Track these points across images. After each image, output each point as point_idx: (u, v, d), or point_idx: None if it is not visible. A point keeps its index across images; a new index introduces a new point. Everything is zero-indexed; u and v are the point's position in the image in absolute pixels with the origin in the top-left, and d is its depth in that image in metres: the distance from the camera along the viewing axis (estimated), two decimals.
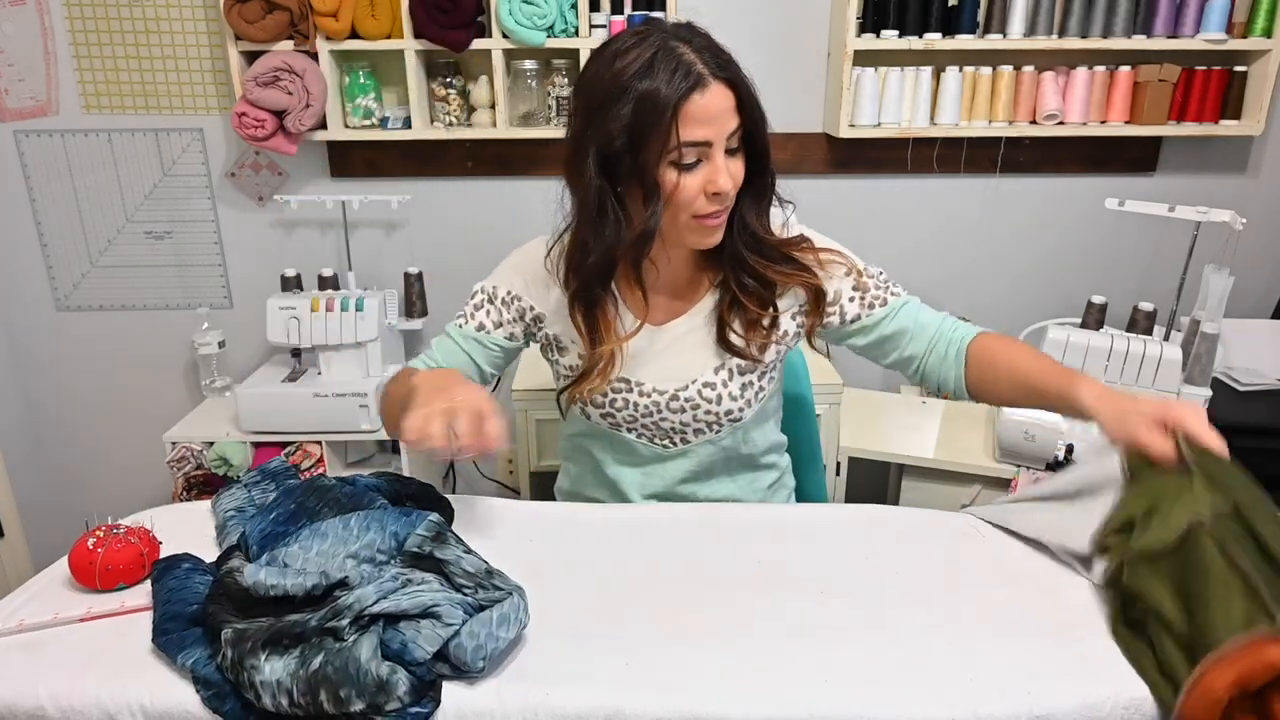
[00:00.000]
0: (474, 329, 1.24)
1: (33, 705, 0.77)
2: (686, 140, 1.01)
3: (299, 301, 2.05)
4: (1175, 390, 1.76)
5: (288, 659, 0.75)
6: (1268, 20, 1.98)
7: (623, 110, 1.01)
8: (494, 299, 1.24)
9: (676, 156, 1.02)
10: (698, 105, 1.00)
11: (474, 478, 2.59)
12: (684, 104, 0.99)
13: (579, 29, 2.04)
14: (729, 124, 1.03)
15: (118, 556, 0.91)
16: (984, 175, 2.26)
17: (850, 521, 1.09)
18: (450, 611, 0.77)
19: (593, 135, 1.04)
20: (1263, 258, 2.30)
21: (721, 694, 0.76)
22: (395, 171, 2.28)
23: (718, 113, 1.01)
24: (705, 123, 1.01)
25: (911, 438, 1.99)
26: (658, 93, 0.99)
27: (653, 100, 0.99)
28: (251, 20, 2.00)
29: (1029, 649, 0.82)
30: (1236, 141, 2.22)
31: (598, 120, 1.03)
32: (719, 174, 1.03)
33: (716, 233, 1.10)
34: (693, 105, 1.00)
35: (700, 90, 1.00)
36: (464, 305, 1.26)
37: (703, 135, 1.01)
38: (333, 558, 0.85)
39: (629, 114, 1.00)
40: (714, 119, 1.01)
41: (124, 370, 2.45)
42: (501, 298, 1.23)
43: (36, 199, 2.30)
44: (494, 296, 1.24)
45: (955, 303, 2.35)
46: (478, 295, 1.25)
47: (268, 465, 1.15)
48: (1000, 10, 2.02)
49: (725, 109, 1.02)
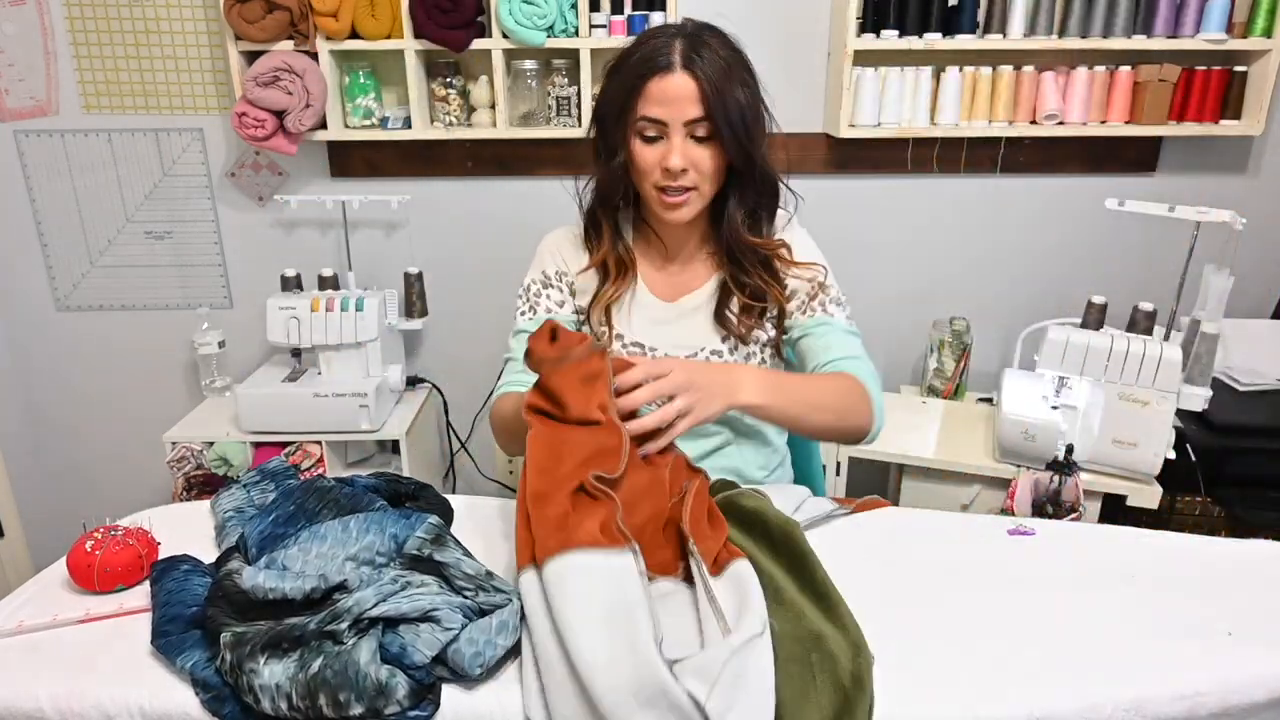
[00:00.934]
0: (545, 315, 1.34)
1: (32, 707, 0.77)
2: (644, 115, 1.18)
3: (299, 301, 2.05)
4: (1175, 390, 1.76)
5: (287, 662, 0.75)
6: (1268, 20, 1.98)
7: (613, 79, 1.22)
8: (547, 283, 1.35)
9: (639, 128, 1.19)
10: (656, 86, 1.16)
11: (474, 477, 2.59)
12: (645, 82, 1.16)
13: (579, 29, 2.03)
14: (687, 111, 1.16)
15: (116, 558, 0.91)
16: (984, 175, 2.26)
17: (851, 522, 1.09)
18: (449, 615, 0.77)
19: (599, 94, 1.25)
20: (1263, 258, 2.30)
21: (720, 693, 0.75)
22: (395, 171, 2.28)
23: (674, 98, 1.16)
24: (662, 103, 1.16)
25: (911, 438, 1.99)
26: (630, 69, 1.18)
27: (625, 75, 1.19)
28: (251, 20, 2.00)
29: (1029, 649, 0.82)
30: (1236, 141, 2.22)
31: (604, 84, 1.24)
32: (671, 152, 1.17)
33: (676, 211, 1.23)
34: (652, 85, 1.16)
35: (662, 75, 1.15)
36: (519, 307, 1.36)
37: (658, 114, 1.17)
38: (332, 560, 0.85)
39: (615, 82, 1.21)
40: (671, 102, 1.16)
41: (124, 370, 2.45)
42: (552, 279, 1.35)
43: (36, 199, 2.30)
44: (547, 281, 1.36)
45: (955, 303, 2.35)
46: (532, 286, 1.36)
47: (267, 465, 1.15)
48: (1000, 10, 2.01)
49: (684, 96, 1.15)
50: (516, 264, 2.33)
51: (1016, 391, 1.82)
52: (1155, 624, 0.86)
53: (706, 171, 1.20)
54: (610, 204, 1.31)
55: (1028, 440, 1.80)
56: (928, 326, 2.29)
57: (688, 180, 1.20)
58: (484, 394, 2.49)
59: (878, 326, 2.38)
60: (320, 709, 0.72)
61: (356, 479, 1.01)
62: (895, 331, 2.41)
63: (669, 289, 1.34)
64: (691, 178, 1.20)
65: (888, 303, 2.37)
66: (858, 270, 2.27)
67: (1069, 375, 1.82)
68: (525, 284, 1.38)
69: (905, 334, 2.40)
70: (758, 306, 1.29)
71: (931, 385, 2.26)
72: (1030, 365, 1.90)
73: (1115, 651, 0.82)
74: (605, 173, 1.27)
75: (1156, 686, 0.77)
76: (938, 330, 2.24)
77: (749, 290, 1.29)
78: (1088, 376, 1.81)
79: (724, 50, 1.18)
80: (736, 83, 1.17)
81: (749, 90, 1.19)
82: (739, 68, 1.19)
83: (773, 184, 1.27)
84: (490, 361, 2.44)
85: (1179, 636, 0.84)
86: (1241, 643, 0.83)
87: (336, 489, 0.96)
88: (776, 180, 1.27)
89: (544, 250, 1.39)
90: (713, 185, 1.23)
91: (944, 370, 2.23)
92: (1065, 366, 1.83)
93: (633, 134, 1.20)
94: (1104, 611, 0.88)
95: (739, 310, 1.29)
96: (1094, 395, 1.80)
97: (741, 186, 1.25)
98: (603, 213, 1.32)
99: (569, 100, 2.12)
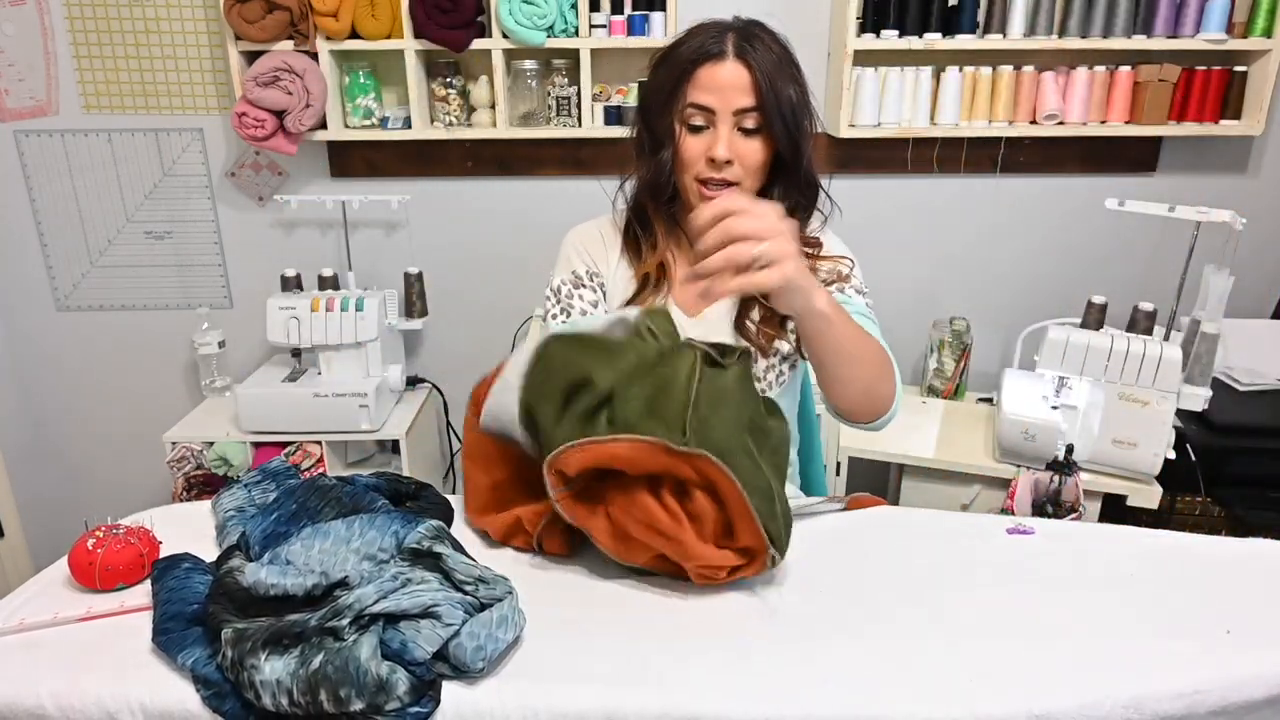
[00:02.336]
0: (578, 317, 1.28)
1: (33, 704, 0.77)
2: (692, 102, 1.15)
3: (299, 301, 2.05)
4: (1175, 390, 1.77)
5: (288, 658, 0.75)
6: (1268, 20, 1.98)
7: (661, 68, 1.19)
8: (579, 283, 1.30)
9: (685, 115, 1.16)
10: (708, 73, 1.13)
11: None
12: (696, 69, 1.14)
13: (579, 29, 2.03)
14: (737, 100, 1.13)
15: (117, 557, 0.91)
16: (984, 175, 2.26)
17: (850, 521, 1.09)
18: (450, 611, 0.77)
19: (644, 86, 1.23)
20: (1263, 258, 2.30)
21: (720, 693, 0.76)
22: (395, 171, 2.28)
23: (725, 85, 1.13)
24: (711, 90, 1.14)
25: (911, 438, 1.99)
26: (681, 55, 1.15)
27: (676, 61, 1.16)
28: (251, 20, 2.00)
29: (1029, 649, 0.82)
30: (1236, 141, 2.22)
31: (650, 75, 1.21)
32: (718, 142, 1.15)
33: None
34: (703, 72, 1.14)
35: (714, 61, 1.13)
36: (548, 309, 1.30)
37: (706, 101, 1.14)
38: (334, 557, 0.85)
39: (663, 71, 1.18)
40: (720, 90, 1.13)
41: (124, 370, 2.45)
42: (584, 279, 1.30)
43: (36, 199, 2.30)
44: (579, 281, 1.30)
45: (955, 303, 2.35)
46: (563, 288, 1.30)
47: (268, 465, 1.15)
48: (1000, 10, 2.02)
49: (735, 85, 1.13)
50: (516, 264, 2.35)
51: (1016, 391, 1.82)
52: (1155, 622, 0.86)
53: (751, 165, 1.17)
54: (661, 198, 1.25)
55: (1028, 440, 1.80)
56: (928, 326, 2.29)
57: (731, 174, 1.17)
58: None
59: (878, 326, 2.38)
60: (321, 705, 0.72)
61: (357, 478, 1.01)
62: (895, 331, 2.40)
63: (694, 302, 1.30)
64: (735, 171, 1.17)
65: (888, 303, 2.37)
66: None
67: (1069, 375, 1.82)
68: (554, 285, 1.31)
69: (905, 334, 2.40)
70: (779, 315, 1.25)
71: (931, 385, 2.26)
72: (1030, 365, 1.90)
73: (1114, 650, 0.82)
74: (652, 166, 1.22)
75: (1155, 684, 0.77)
76: (938, 330, 2.25)
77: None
78: (1088, 376, 1.81)
79: (776, 45, 1.16)
80: (787, 77, 1.14)
81: (798, 86, 1.16)
82: (789, 63, 1.16)
83: (814, 184, 1.24)
84: (491, 361, 2.43)
85: (1178, 635, 0.84)
86: (1240, 641, 0.83)
87: (338, 488, 0.96)
88: (818, 181, 1.24)
89: (570, 249, 1.33)
90: (755, 181, 1.20)
91: (944, 370, 2.23)
92: (1065, 366, 1.83)
93: (679, 123, 1.17)
94: (1103, 610, 0.88)
95: (759, 320, 1.26)
96: (1094, 395, 1.80)
97: (785, 184, 1.21)
98: (653, 209, 1.27)
99: (569, 100, 2.12)
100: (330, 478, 0.99)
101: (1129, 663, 0.80)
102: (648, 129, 1.22)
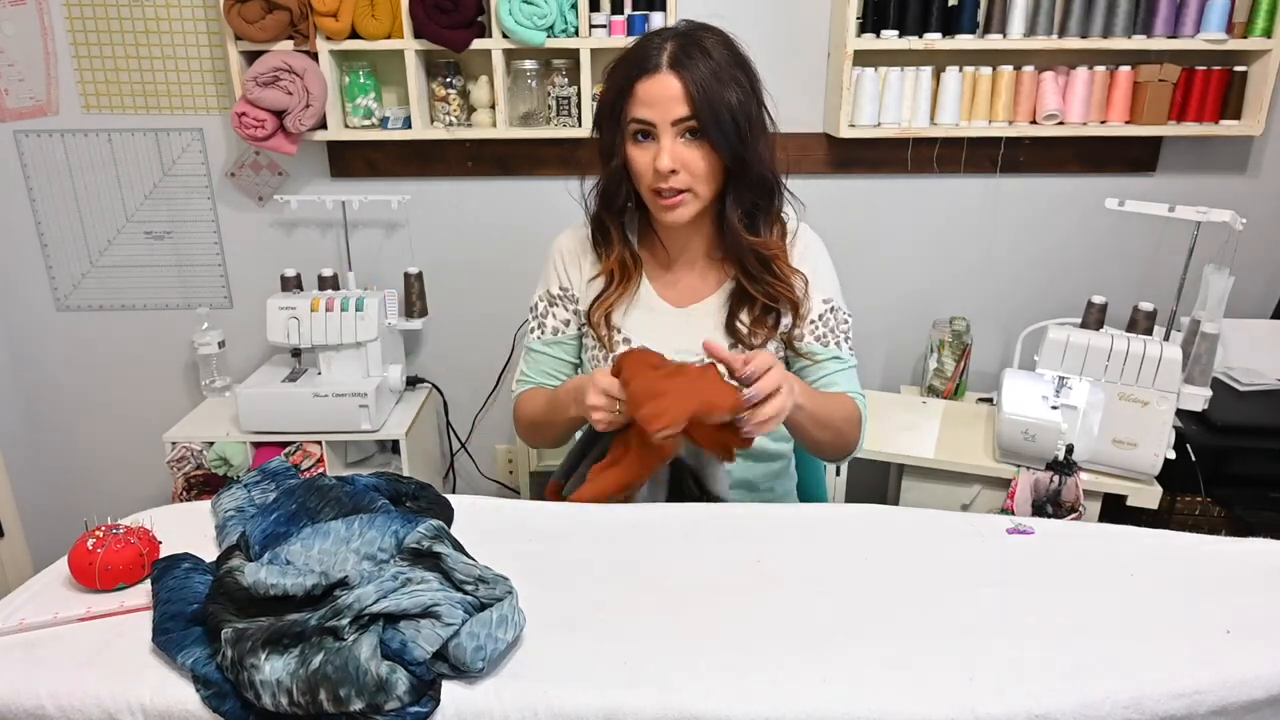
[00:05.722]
0: (551, 335, 1.39)
1: (33, 704, 0.77)
2: (634, 116, 1.19)
3: (299, 301, 2.05)
4: (1175, 390, 1.77)
5: (287, 658, 0.75)
6: (1268, 20, 1.98)
7: (608, 81, 1.24)
8: (554, 301, 1.38)
9: (631, 129, 1.21)
10: (644, 87, 1.18)
11: (474, 477, 2.59)
12: (634, 84, 1.18)
13: (579, 29, 2.03)
14: (674, 111, 1.17)
15: (117, 556, 0.91)
16: (984, 175, 2.26)
17: (850, 521, 1.09)
18: (450, 611, 0.77)
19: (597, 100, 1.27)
20: (1263, 258, 2.30)
21: (720, 693, 0.76)
22: (395, 171, 2.28)
23: (660, 98, 1.17)
24: (648, 104, 1.18)
25: (911, 438, 1.99)
26: (621, 73, 1.21)
27: (616, 77, 1.22)
28: (251, 20, 2.00)
29: (1029, 649, 0.82)
30: (1236, 141, 2.22)
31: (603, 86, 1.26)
32: (661, 153, 1.18)
33: (671, 212, 1.23)
34: (640, 86, 1.18)
35: (647, 76, 1.17)
36: (529, 323, 1.41)
37: (645, 115, 1.18)
38: (333, 556, 0.85)
39: (609, 84, 1.24)
40: (655, 103, 1.17)
41: (124, 370, 2.45)
42: (556, 296, 1.38)
43: (36, 199, 2.30)
44: (553, 299, 1.39)
45: (955, 303, 2.35)
46: (539, 305, 1.40)
47: (268, 465, 1.15)
48: (1000, 10, 2.02)
49: (670, 96, 1.16)
50: (516, 264, 2.35)
51: (1016, 391, 1.82)
52: (1154, 622, 0.86)
53: (698, 172, 1.20)
54: (614, 208, 1.31)
55: (1028, 440, 1.80)
56: (928, 326, 2.29)
57: (680, 181, 1.20)
58: (484, 394, 2.49)
59: (878, 326, 2.38)
60: (321, 704, 0.72)
61: (357, 478, 1.01)
62: (895, 331, 2.41)
63: (677, 293, 1.34)
64: (684, 179, 1.20)
65: (888, 302, 2.38)
66: (858, 270, 2.27)
67: (1069, 375, 1.82)
68: (534, 300, 1.40)
69: (905, 334, 2.41)
70: (770, 316, 1.29)
71: (931, 385, 2.26)
72: (1030, 365, 1.90)
73: (1114, 650, 0.82)
74: (607, 175, 1.27)
75: (1155, 684, 0.77)
76: (938, 330, 2.25)
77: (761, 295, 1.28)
78: (1088, 376, 1.81)
79: (718, 51, 1.17)
80: (727, 82, 1.16)
81: (741, 90, 1.18)
82: (732, 67, 1.18)
83: (769, 184, 1.26)
84: (490, 361, 2.44)
85: (1178, 635, 0.84)
86: (1240, 641, 0.83)
87: (338, 488, 0.96)
88: (774, 181, 1.26)
89: (550, 262, 1.40)
90: (709, 186, 1.22)
91: (944, 370, 2.24)
92: (1065, 366, 1.83)
93: (626, 136, 1.22)
94: (1103, 610, 0.88)
95: (750, 322, 1.29)
96: (1094, 395, 1.80)
97: (737, 187, 1.24)
98: (608, 217, 1.32)
99: (569, 100, 2.12)
100: (330, 478, 0.99)
101: (1129, 663, 0.80)
102: (602, 140, 1.26)
